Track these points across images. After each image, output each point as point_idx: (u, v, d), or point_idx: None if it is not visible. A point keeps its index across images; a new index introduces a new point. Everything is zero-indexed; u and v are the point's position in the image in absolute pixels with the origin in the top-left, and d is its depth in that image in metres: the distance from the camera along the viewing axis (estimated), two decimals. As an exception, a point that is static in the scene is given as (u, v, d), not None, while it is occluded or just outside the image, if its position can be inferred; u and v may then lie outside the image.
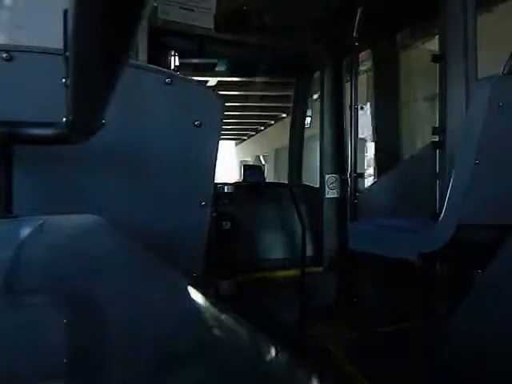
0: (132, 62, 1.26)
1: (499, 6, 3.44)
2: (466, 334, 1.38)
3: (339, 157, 3.24)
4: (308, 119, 3.47)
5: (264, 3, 2.85)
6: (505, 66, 1.32)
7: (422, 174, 2.30)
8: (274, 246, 3.08)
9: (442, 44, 2.21)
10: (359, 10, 2.49)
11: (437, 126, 2.25)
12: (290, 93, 3.69)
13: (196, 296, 0.39)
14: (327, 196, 3.22)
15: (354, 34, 2.53)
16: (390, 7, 2.61)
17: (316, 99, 3.38)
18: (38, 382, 0.18)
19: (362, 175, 2.57)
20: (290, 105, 3.65)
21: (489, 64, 1.75)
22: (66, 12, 0.40)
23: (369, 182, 3.26)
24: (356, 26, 2.52)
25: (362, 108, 2.59)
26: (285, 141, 3.77)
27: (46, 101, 0.86)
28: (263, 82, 4.57)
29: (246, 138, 14.15)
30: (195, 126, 1.07)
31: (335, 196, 3.25)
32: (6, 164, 0.78)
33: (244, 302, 2.72)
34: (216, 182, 1.25)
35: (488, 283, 1.41)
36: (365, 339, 2.11)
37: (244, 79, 3.79)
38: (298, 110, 3.49)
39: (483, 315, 1.35)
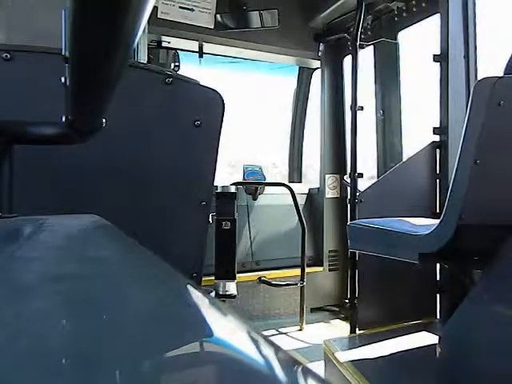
0: (132, 61, 1.26)
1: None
2: (465, 334, 1.38)
3: (339, 157, 3.24)
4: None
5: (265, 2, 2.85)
6: (506, 66, 1.32)
7: (421, 174, 2.30)
8: (274, 246, 3.08)
9: (442, 44, 2.21)
10: (361, 9, 2.48)
11: (437, 126, 2.25)
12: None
13: (196, 296, 0.38)
14: (327, 196, 3.22)
15: (355, 33, 2.53)
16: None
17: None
18: (38, 382, 0.18)
19: (361, 175, 2.57)
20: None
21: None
22: (65, 12, 0.40)
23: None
24: (357, 25, 2.51)
25: (361, 108, 2.58)
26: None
27: (45, 101, 0.86)
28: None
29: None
30: (195, 125, 1.07)
31: (335, 196, 3.25)
32: (6, 164, 0.77)
33: (244, 302, 2.72)
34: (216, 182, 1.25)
35: (488, 283, 1.40)
36: (365, 339, 2.11)
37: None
38: (299, 108, 3.48)
39: (483, 315, 1.35)
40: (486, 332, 1.31)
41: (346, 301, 2.64)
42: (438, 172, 2.29)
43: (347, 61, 3.05)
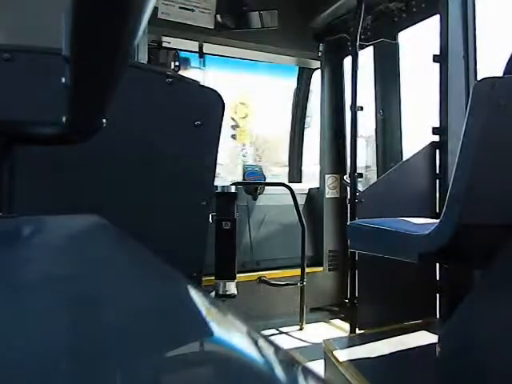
0: (132, 61, 1.26)
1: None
2: (465, 334, 1.38)
3: (339, 157, 3.24)
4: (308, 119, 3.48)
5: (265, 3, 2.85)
6: (506, 66, 1.32)
7: (421, 174, 2.30)
8: (274, 246, 3.08)
9: (441, 44, 2.21)
10: (361, 9, 2.48)
11: (436, 126, 2.25)
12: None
13: (196, 296, 0.39)
14: (327, 196, 3.22)
15: (355, 33, 2.52)
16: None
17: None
18: (38, 382, 0.18)
19: (361, 175, 2.57)
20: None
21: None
22: (66, 12, 0.40)
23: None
24: (357, 25, 2.51)
25: (361, 108, 2.57)
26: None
27: (46, 101, 0.86)
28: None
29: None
30: (195, 126, 1.07)
31: (335, 196, 3.25)
32: (6, 164, 0.77)
33: (244, 302, 2.72)
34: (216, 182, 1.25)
35: (488, 283, 1.40)
36: (365, 338, 2.11)
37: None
38: (299, 108, 3.49)
39: (483, 315, 1.35)
40: (485, 331, 1.31)
41: (346, 301, 2.64)
42: (437, 172, 2.29)
43: (347, 61, 3.05)
